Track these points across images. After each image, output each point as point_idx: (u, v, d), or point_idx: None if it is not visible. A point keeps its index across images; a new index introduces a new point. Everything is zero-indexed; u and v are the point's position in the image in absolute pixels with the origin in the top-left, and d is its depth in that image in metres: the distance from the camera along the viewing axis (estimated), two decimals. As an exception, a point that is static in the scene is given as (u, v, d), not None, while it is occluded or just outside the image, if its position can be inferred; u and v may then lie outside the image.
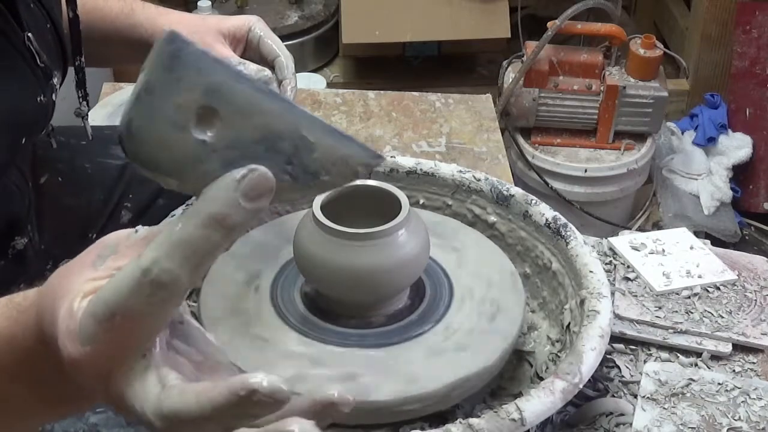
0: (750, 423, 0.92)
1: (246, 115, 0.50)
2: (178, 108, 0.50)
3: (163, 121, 0.50)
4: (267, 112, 0.50)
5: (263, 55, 1.11)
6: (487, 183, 1.11)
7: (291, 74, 1.09)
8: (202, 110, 0.50)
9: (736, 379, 0.98)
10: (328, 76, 2.60)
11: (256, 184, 0.48)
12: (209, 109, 0.50)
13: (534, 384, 0.97)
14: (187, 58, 0.49)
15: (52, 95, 0.98)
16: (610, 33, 2.14)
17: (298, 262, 0.96)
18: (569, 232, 1.04)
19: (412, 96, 1.82)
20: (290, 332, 0.94)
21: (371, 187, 0.99)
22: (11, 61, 0.92)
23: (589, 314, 0.93)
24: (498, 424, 0.81)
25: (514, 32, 2.41)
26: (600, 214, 2.21)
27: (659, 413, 0.93)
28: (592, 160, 2.19)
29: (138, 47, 1.12)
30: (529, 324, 1.06)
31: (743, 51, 2.38)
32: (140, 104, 0.50)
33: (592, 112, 2.17)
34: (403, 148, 1.68)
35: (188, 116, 0.50)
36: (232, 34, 1.11)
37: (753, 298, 1.10)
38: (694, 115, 2.39)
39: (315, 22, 2.61)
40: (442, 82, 2.52)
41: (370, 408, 0.86)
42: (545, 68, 2.13)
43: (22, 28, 0.93)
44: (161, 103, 0.50)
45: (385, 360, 0.90)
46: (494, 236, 1.10)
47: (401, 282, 0.95)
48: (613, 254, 1.17)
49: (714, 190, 2.26)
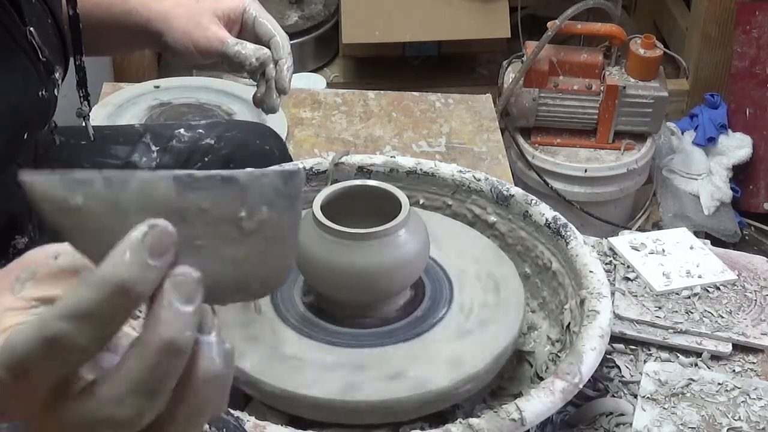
0: (750, 423, 0.92)
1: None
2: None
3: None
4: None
5: (259, 35, 1.11)
6: (487, 183, 1.11)
7: (287, 54, 1.09)
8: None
9: (736, 379, 0.98)
10: (328, 76, 2.60)
11: (159, 238, 0.45)
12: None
13: (534, 384, 0.97)
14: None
15: (54, 90, 0.98)
16: (610, 33, 2.14)
17: (298, 262, 0.96)
18: (569, 232, 1.04)
19: (412, 96, 1.82)
20: (290, 332, 0.94)
21: (371, 187, 0.99)
22: (13, 55, 0.92)
23: (589, 314, 0.93)
24: (498, 424, 0.81)
25: (514, 32, 2.40)
26: (600, 214, 2.21)
27: (659, 413, 0.93)
28: (592, 160, 2.19)
29: (134, 34, 1.12)
30: (529, 324, 1.06)
31: (743, 51, 2.38)
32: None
33: (592, 112, 2.16)
34: (403, 148, 1.68)
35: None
36: (227, 15, 1.11)
37: (753, 298, 1.10)
38: (694, 115, 2.39)
39: (315, 22, 2.61)
40: (442, 82, 2.52)
41: (431, 398, 0.87)
42: (545, 68, 2.13)
43: (23, 23, 0.93)
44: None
45: (419, 351, 0.91)
46: (494, 236, 1.10)
47: (401, 282, 0.95)
48: (613, 254, 1.17)
49: (714, 190, 2.26)
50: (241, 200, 0.48)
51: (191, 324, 0.45)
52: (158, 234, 0.45)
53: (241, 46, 1.07)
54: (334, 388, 0.87)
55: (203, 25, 1.09)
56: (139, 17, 1.12)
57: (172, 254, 0.46)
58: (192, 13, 1.10)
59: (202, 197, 0.48)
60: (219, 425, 0.71)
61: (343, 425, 0.89)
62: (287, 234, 0.50)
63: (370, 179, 1.05)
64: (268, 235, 0.49)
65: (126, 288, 0.44)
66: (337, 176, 1.14)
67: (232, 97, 1.80)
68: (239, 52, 1.06)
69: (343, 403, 0.87)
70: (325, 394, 0.87)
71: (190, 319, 0.45)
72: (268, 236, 0.49)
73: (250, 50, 1.07)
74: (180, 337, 0.45)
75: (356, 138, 1.71)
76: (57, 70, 0.99)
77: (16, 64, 0.92)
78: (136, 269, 0.44)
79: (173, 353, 0.45)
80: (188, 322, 0.45)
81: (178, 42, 1.09)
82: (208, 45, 1.08)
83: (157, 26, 1.10)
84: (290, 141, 1.66)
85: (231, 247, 0.49)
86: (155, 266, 0.45)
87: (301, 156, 1.58)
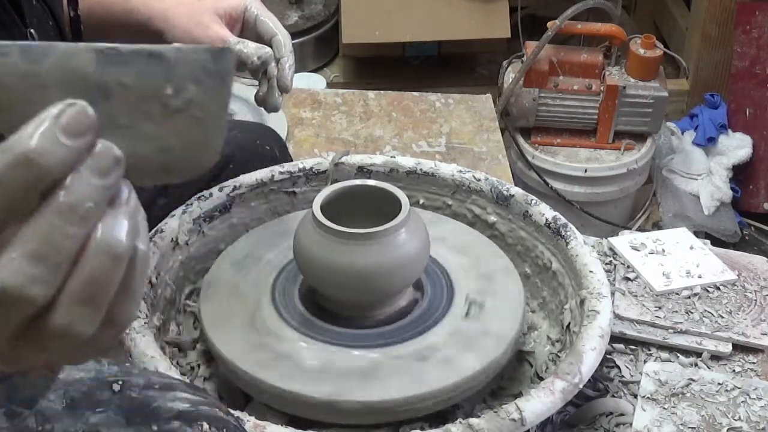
0: (750, 423, 0.92)
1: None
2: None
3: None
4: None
5: (260, 34, 1.11)
6: (487, 183, 1.11)
7: (288, 52, 1.09)
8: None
9: (736, 379, 0.98)
10: (328, 76, 2.60)
11: (75, 118, 0.43)
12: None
13: (534, 384, 0.97)
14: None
15: None
16: (610, 33, 2.14)
17: (298, 262, 0.96)
18: (569, 232, 1.04)
19: (412, 96, 1.82)
20: (290, 332, 0.94)
21: (371, 187, 0.99)
22: None
23: (589, 314, 0.93)
24: (498, 424, 0.81)
25: (514, 32, 2.40)
26: (600, 214, 2.21)
27: (659, 413, 0.93)
28: (592, 160, 2.19)
29: (135, 32, 1.12)
30: (529, 324, 1.06)
31: (743, 51, 2.38)
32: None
33: (592, 112, 2.16)
34: (403, 148, 1.68)
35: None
36: (229, 14, 1.11)
37: (753, 298, 1.10)
38: (694, 115, 2.39)
39: (315, 22, 2.61)
40: (442, 82, 2.52)
41: (431, 398, 0.88)
42: (545, 68, 2.13)
43: (24, 24, 0.93)
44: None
45: (419, 351, 0.92)
46: (494, 236, 1.10)
47: (401, 282, 0.95)
48: (613, 254, 1.17)
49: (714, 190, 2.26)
50: (166, 77, 0.46)
51: (98, 196, 0.43)
52: (75, 113, 0.43)
53: (243, 44, 1.07)
54: (334, 389, 0.87)
55: (204, 24, 1.09)
56: (140, 16, 1.12)
57: (90, 138, 0.43)
58: (193, 12, 1.10)
59: (125, 72, 0.45)
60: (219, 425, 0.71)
61: (343, 425, 0.89)
62: (215, 114, 0.48)
63: (370, 179, 1.05)
64: (195, 114, 0.47)
65: (29, 158, 0.42)
66: (337, 176, 1.14)
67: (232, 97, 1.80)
68: (241, 51, 1.06)
69: (343, 403, 0.87)
70: (325, 395, 0.87)
71: (97, 191, 0.43)
72: (194, 116, 0.47)
73: (252, 49, 1.07)
74: (80, 204, 0.43)
75: (356, 138, 1.71)
76: None
77: None
78: (43, 142, 0.42)
79: (71, 220, 0.42)
80: (94, 192, 0.43)
81: (179, 41, 1.09)
82: (209, 44, 1.08)
83: (158, 25, 1.10)
84: (290, 141, 1.66)
85: (155, 125, 0.47)
86: (68, 145, 0.42)
87: (301, 156, 1.58)
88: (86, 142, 0.43)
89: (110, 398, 0.72)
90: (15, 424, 0.68)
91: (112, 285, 0.45)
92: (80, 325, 0.44)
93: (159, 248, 1.01)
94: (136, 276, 0.46)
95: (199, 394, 0.73)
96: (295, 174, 1.14)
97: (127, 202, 0.45)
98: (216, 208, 1.09)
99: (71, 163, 0.43)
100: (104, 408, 0.84)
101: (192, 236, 1.07)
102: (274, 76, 1.08)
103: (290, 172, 1.14)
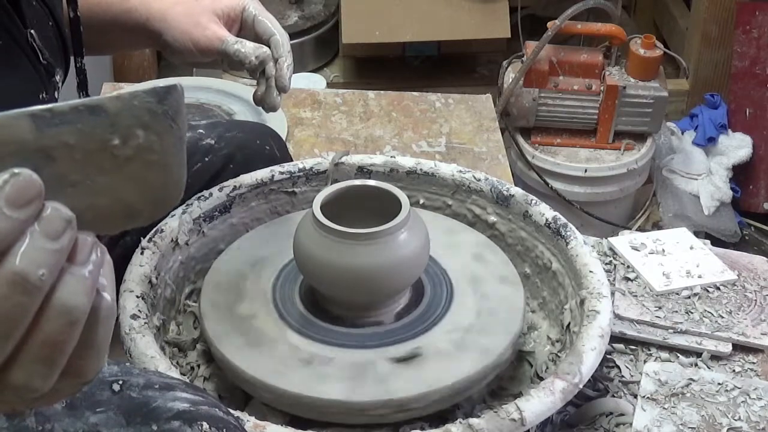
0: (750, 423, 0.92)
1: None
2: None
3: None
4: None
5: (258, 34, 1.11)
6: (487, 183, 1.11)
7: (287, 52, 1.10)
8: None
9: (736, 379, 0.98)
10: (328, 76, 2.60)
11: (18, 188, 0.42)
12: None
13: (534, 384, 0.97)
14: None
15: (54, 92, 0.98)
16: (610, 33, 2.13)
17: (298, 262, 0.96)
18: (569, 232, 1.04)
19: (412, 96, 1.82)
20: (290, 332, 0.94)
21: (371, 187, 0.99)
22: (14, 57, 0.92)
23: (589, 314, 0.93)
24: (498, 424, 0.81)
25: (514, 32, 2.40)
26: (600, 214, 2.20)
27: (659, 413, 0.93)
28: (592, 160, 2.19)
29: (133, 32, 1.12)
30: (529, 324, 1.06)
31: (743, 51, 2.38)
32: None
33: (592, 112, 2.16)
34: (403, 148, 1.67)
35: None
36: (227, 14, 1.12)
37: (753, 298, 1.10)
38: (694, 115, 2.39)
39: (315, 22, 2.61)
40: (442, 82, 2.52)
41: (430, 398, 0.88)
42: (545, 68, 2.13)
43: (24, 25, 0.93)
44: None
45: (419, 351, 0.92)
46: (494, 236, 1.10)
47: (401, 282, 0.95)
48: (613, 254, 1.17)
49: (714, 190, 2.26)
50: (111, 128, 0.45)
51: (51, 260, 0.42)
52: (18, 184, 0.42)
53: (241, 44, 1.07)
54: (333, 389, 0.87)
55: (202, 24, 1.09)
56: (138, 16, 1.12)
57: (37, 204, 0.43)
58: (191, 12, 1.10)
59: (66, 131, 0.44)
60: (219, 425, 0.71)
61: (343, 425, 0.89)
62: (171, 152, 0.47)
63: (370, 179, 1.05)
64: (148, 158, 0.46)
65: None
66: (337, 176, 1.14)
67: (232, 97, 1.80)
68: (239, 51, 1.06)
69: (343, 403, 0.87)
70: (324, 395, 0.87)
71: (49, 255, 0.42)
72: (148, 160, 0.46)
73: (250, 48, 1.07)
74: (31, 271, 0.42)
75: (356, 138, 1.70)
76: (57, 73, 0.99)
77: (17, 66, 0.92)
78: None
79: (23, 289, 0.42)
80: (47, 257, 0.42)
81: (177, 41, 1.09)
82: (207, 44, 1.08)
83: (156, 25, 1.10)
84: (290, 141, 1.66)
85: (109, 177, 0.46)
86: (13, 217, 0.42)
87: (301, 156, 1.58)
88: (33, 210, 0.43)
89: (110, 398, 0.72)
90: (15, 424, 0.68)
91: (70, 344, 0.44)
92: (38, 382, 0.44)
93: (159, 248, 1.01)
94: (98, 331, 0.45)
95: (199, 394, 0.73)
96: (295, 174, 1.14)
97: (88, 258, 0.44)
98: (216, 208, 1.09)
99: (17, 233, 0.42)
100: (104, 408, 0.84)
101: (192, 236, 1.07)
102: (272, 75, 1.08)
103: (290, 172, 1.14)
